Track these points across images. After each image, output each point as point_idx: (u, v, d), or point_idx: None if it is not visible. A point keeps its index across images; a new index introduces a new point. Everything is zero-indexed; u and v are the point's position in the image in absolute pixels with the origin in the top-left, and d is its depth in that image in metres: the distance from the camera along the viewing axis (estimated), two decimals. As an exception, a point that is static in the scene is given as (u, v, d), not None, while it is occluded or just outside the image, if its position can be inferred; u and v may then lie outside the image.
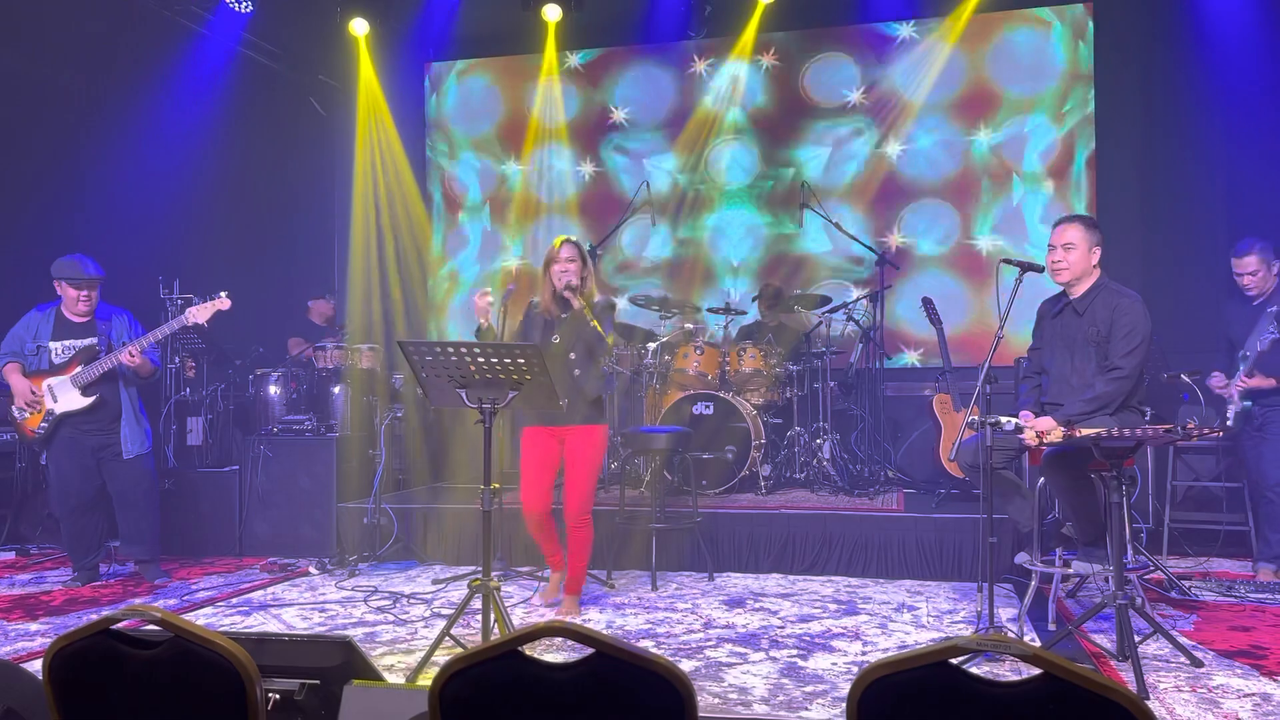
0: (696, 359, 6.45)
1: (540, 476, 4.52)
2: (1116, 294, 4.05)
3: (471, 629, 4.06)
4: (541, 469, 4.52)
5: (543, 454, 4.52)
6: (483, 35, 8.45)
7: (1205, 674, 3.53)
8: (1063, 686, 1.25)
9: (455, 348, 3.49)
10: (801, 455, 6.55)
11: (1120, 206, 7.35)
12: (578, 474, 4.48)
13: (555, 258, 4.44)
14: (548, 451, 4.52)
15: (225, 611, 4.73)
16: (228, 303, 5.25)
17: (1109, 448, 3.56)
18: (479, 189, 8.76)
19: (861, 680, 1.36)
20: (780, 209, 8.03)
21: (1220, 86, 6.69)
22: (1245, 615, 4.38)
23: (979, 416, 3.70)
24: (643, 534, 5.27)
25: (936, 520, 5.32)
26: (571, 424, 4.44)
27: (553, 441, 4.51)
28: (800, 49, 8.10)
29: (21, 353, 5.25)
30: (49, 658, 1.67)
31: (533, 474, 4.51)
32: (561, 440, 4.51)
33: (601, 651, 1.43)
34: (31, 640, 4.21)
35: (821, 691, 3.39)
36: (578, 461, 4.47)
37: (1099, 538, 4.03)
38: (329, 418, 6.60)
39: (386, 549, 5.80)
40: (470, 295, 8.71)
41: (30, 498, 6.42)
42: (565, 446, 4.51)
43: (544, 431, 4.51)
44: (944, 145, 7.79)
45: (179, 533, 6.01)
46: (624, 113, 8.44)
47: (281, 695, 1.87)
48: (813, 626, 4.27)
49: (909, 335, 7.68)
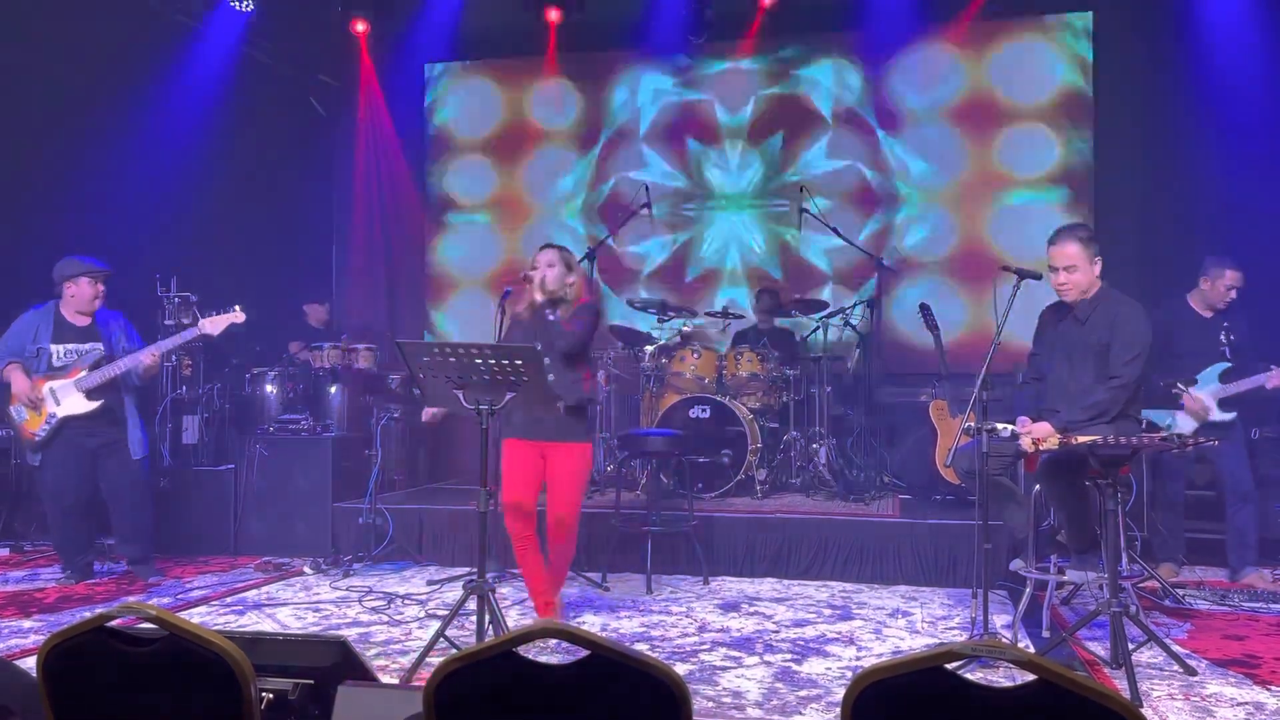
0: (694, 362, 6.45)
1: (521, 479, 4.23)
2: (1119, 303, 4.03)
3: (466, 630, 4.06)
4: (525, 473, 4.24)
5: (524, 463, 4.24)
6: (483, 37, 8.46)
7: (1199, 682, 3.54)
8: (1058, 693, 1.25)
9: (453, 349, 3.49)
10: (798, 460, 6.56)
11: (1119, 213, 7.37)
12: (560, 490, 4.22)
13: (534, 263, 4.31)
14: (530, 462, 4.24)
15: (219, 610, 4.72)
16: (242, 316, 5.26)
17: (1105, 455, 3.57)
18: (478, 190, 8.76)
19: (856, 684, 1.36)
20: (779, 214, 8.04)
21: (1220, 94, 6.71)
22: (1239, 624, 4.39)
23: (975, 423, 3.71)
24: (638, 537, 5.27)
25: (932, 526, 5.32)
26: (553, 440, 4.20)
27: (534, 454, 4.25)
28: (801, 53, 8.11)
29: (22, 354, 5.22)
30: (43, 654, 1.67)
31: (512, 476, 4.23)
32: (543, 455, 4.25)
33: (597, 653, 1.43)
34: (25, 638, 4.20)
35: (815, 696, 3.39)
36: (560, 479, 4.22)
37: (1093, 545, 4.03)
38: (325, 417, 6.59)
39: (381, 549, 5.80)
40: (468, 294, 8.72)
41: (24, 494, 6.40)
42: (547, 463, 4.26)
43: (525, 444, 4.24)
44: (944, 151, 7.80)
45: (174, 531, 5.99)
46: (624, 115, 8.44)
47: (275, 695, 1.86)
48: (807, 631, 4.27)
49: (906, 341, 7.69)
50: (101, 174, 6.82)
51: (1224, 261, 5.21)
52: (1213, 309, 5.24)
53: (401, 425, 6.81)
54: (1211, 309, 5.25)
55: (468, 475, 7.16)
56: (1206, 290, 5.24)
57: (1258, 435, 5.72)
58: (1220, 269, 5.19)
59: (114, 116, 6.91)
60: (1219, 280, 5.18)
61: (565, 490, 4.21)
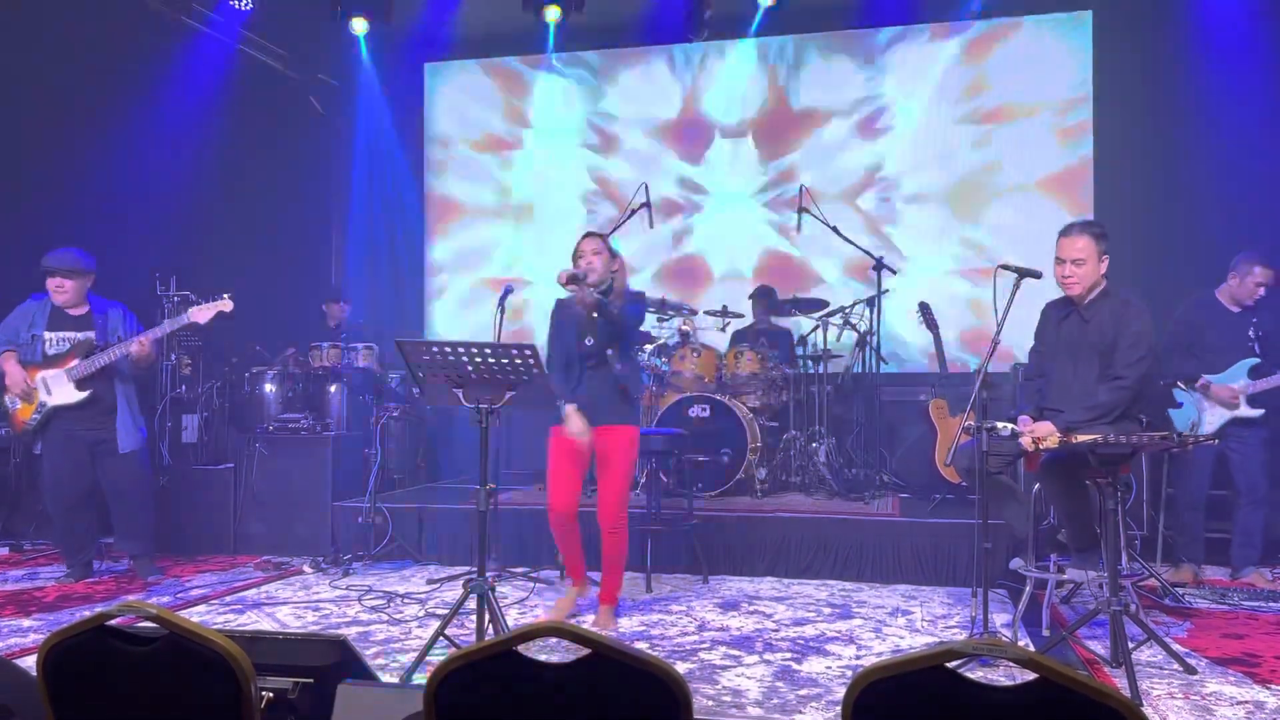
0: (693, 361, 6.45)
1: (570, 475, 4.29)
2: (1124, 303, 4.00)
3: (466, 629, 4.06)
4: (572, 467, 4.29)
5: (574, 452, 4.26)
6: (483, 35, 8.45)
7: (1198, 681, 3.54)
8: (1059, 692, 1.25)
9: (453, 347, 3.48)
10: (797, 459, 6.56)
11: (1119, 211, 7.36)
12: (612, 476, 4.27)
13: (576, 251, 4.28)
14: (576, 452, 4.27)
15: (219, 609, 4.72)
16: (230, 305, 5.25)
17: (1105, 454, 3.57)
18: (477, 189, 8.76)
19: (857, 683, 1.36)
20: (779, 212, 8.04)
21: (1219, 92, 6.71)
22: (1239, 623, 4.39)
23: (975, 421, 3.70)
24: (638, 536, 5.26)
25: (931, 525, 5.32)
26: (606, 424, 4.23)
27: (583, 441, 4.27)
28: (801, 52, 8.11)
29: (16, 341, 5.23)
30: (43, 653, 1.66)
31: (562, 473, 4.28)
32: (594, 439, 4.29)
33: (598, 652, 1.43)
34: (24, 636, 4.19)
35: (815, 695, 3.39)
36: (611, 463, 4.27)
37: (1093, 544, 4.03)
38: (325, 416, 6.59)
39: (381, 548, 5.79)
40: (468, 293, 8.72)
41: (24, 494, 6.40)
42: (597, 447, 4.29)
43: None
44: (944, 150, 7.80)
45: (173, 530, 5.99)
46: (623, 114, 8.44)
47: (275, 694, 1.86)
48: (807, 630, 4.27)
49: (905, 340, 7.69)
50: (100, 172, 6.82)
51: (1252, 257, 5.21)
52: (1240, 305, 5.24)
53: (401, 424, 6.81)
54: (1239, 305, 5.25)
55: (467, 474, 7.16)
56: (1235, 286, 5.24)
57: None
58: (1249, 265, 5.20)
59: (113, 115, 6.90)
60: (1248, 277, 5.18)
61: (615, 473, 4.27)
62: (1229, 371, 5.14)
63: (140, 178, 6.97)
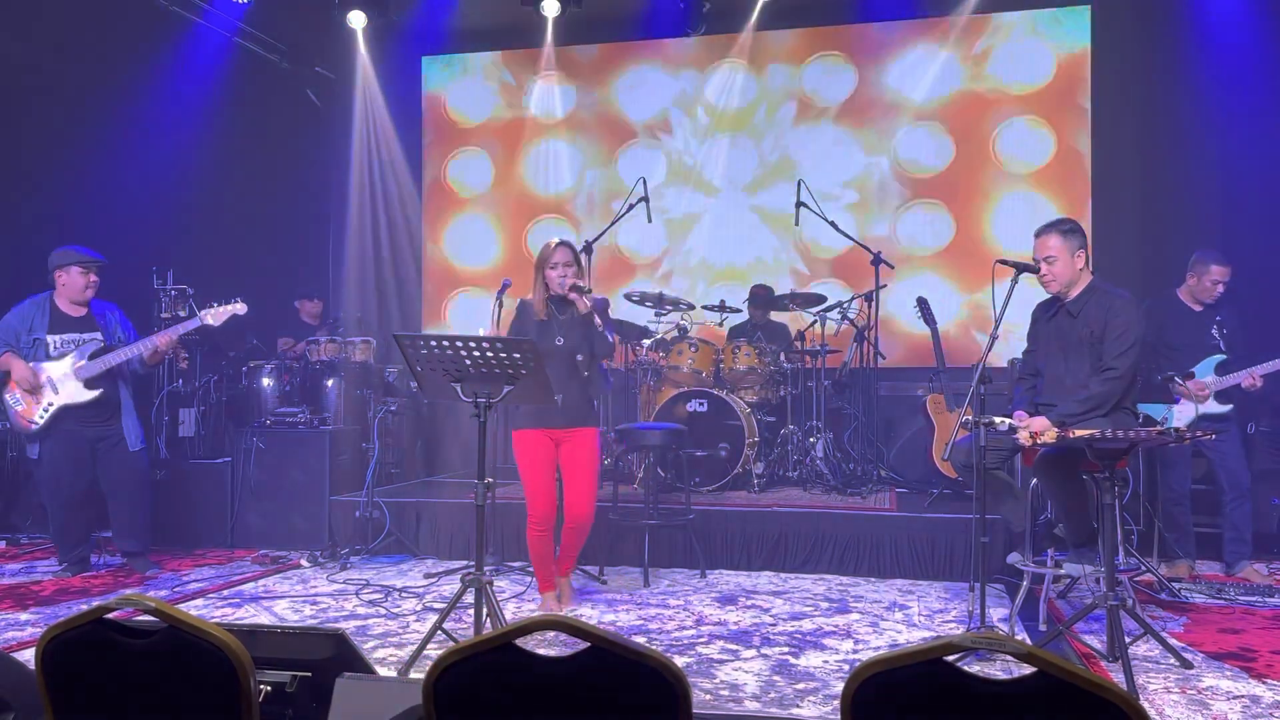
0: (691, 356, 6.45)
1: (549, 483, 4.37)
2: (1110, 295, 4.08)
3: (463, 623, 4.06)
4: (548, 476, 4.37)
5: (543, 458, 4.35)
6: (480, 29, 8.43)
7: (1195, 675, 3.55)
8: (1057, 685, 1.25)
9: (450, 341, 3.48)
10: (795, 454, 6.56)
11: (1116, 206, 7.38)
12: (582, 478, 4.36)
13: (550, 260, 4.31)
14: (546, 455, 4.36)
15: (216, 603, 4.72)
16: (244, 307, 5.30)
17: (1102, 449, 3.57)
18: (475, 183, 8.75)
19: (856, 677, 1.36)
20: (776, 207, 8.03)
21: (1217, 88, 6.70)
22: (1235, 618, 4.40)
23: (973, 416, 3.71)
24: (636, 530, 5.27)
25: (929, 520, 5.33)
26: (569, 427, 4.34)
27: (549, 443, 4.37)
28: (798, 47, 8.10)
29: (16, 344, 5.20)
30: (42, 645, 1.66)
31: (540, 482, 4.34)
32: (557, 443, 4.38)
33: (597, 645, 1.43)
34: (21, 630, 4.19)
35: (813, 689, 3.39)
36: (579, 465, 4.36)
37: (1090, 539, 4.04)
38: (322, 410, 6.58)
39: (379, 542, 5.79)
40: (467, 287, 8.70)
41: (21, 487, 6.39)
42: (562, 450, 4.39)
43: (538, 434, 4.35)
44: (941, 145, 7.80)
45: (171, 524, 5.98)
46: (621, 108, 8.43)
47: (273, 687, 1.87)
48: (804, 624, 4.28)
49: (903, 334, 7.69)
50: (97, 165, 6.80)
51: (1208, 256, 5.25)
52: (1201, 303, 5.27)
53: (399, 418, 6.81)
54: (1200, 303, 5.27)
55: (465, 468, 7.16)
56: (1193, 285, 5.28)
57: (1254, 430, 5.74)
58: (1205, 264, 5.22)
59: (110, 107, 6.88)
60: (1204, 275, 5.21)
61: (585, 475, 4.38)
62: (1198, 369, 5.17)
63: (136, 171, 6.95)
